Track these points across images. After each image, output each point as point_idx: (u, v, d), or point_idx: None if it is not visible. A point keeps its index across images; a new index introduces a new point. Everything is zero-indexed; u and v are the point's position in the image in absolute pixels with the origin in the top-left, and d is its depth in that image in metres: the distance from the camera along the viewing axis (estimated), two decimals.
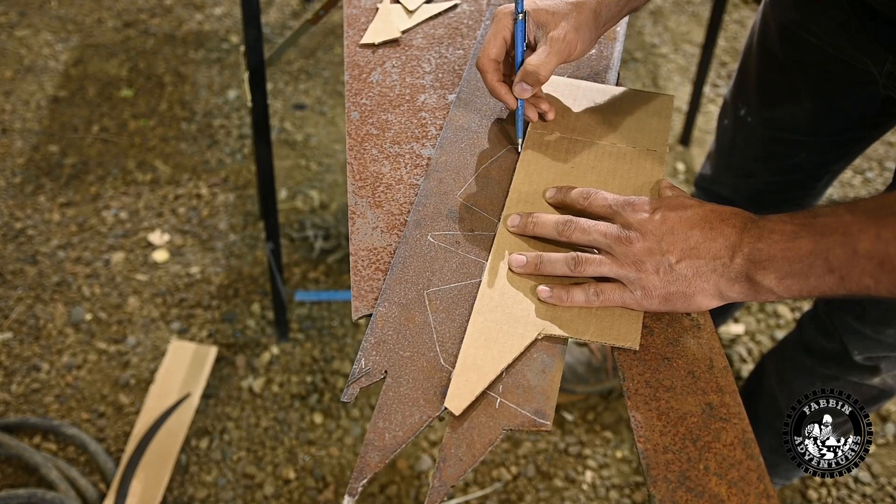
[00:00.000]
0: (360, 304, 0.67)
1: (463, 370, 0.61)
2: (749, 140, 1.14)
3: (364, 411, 1.49)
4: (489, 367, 0.61)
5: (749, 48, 1.09)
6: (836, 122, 1.03)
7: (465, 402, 0.59)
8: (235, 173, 1.93)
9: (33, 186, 1.87)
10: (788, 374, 1.19)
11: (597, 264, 0.64)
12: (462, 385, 0.60)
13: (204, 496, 1.38)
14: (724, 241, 0.61)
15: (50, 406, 1.48)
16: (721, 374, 0.62)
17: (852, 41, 0.87)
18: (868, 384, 1.07)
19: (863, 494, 1.41)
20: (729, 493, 0.55)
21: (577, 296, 0.64)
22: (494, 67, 0.74)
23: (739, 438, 0.58)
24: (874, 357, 1.02)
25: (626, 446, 1.46)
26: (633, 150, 0.78)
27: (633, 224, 0.63)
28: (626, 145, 0.78)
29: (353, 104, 0.84)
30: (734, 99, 1.15)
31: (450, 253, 0.70)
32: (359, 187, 0.76)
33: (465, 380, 0.60)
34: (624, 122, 0.81)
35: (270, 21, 2.38)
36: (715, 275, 0.61)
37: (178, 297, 1.66)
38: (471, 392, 0.59)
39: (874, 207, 0.57)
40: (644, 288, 0.62)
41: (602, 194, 0.68)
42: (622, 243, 0.63)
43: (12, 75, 2.17)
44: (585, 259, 0.64)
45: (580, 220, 0.66)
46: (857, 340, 1.01)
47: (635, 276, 0.62)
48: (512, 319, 0.64)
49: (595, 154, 0.77)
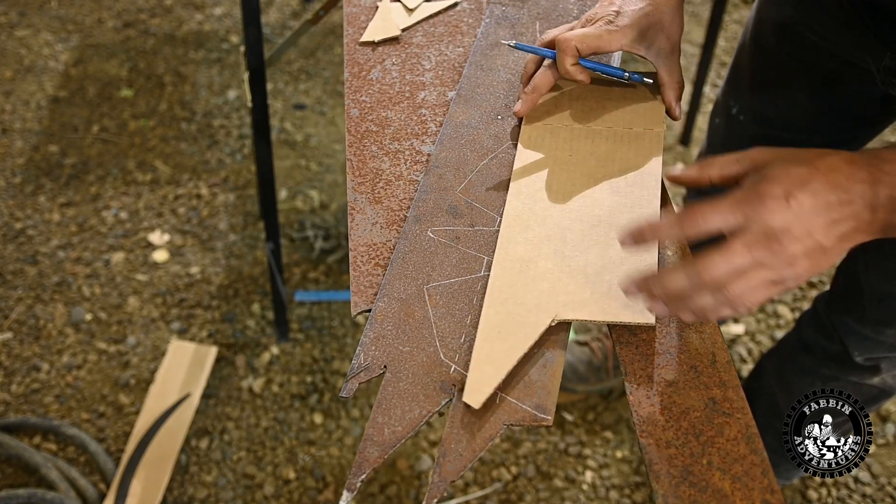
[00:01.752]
0: (360, 299, 0.66)
1: (478, 364, 0.60)
2: (741, 139, 1.13)
3: (364, 411, 1.49)
4: (505, 358, 0.61)
5: (742, 46, 1.09)
6: (832, 121, 1.02)
7: (483, 396, 0.58)
8: (235, 173, 1.93)
9: (33, 186, 1.87)
10: (788, 375, 1.18)
11: (754, 287, 0.57)
12: (479, 379, 0.59)
13: (204, 496, 1.37)
14: (861, 203, 0.56)
15: (50, 406, 1.47)
16: (724, 369, 0.61)
17: (851, 37, 0.86)
18: (868, 384, 1.07)
19: (863, 494, 1.41)
20: (733, 489, 0.55)
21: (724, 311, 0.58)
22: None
23: (743, 433, 0.57)
24: (874, 357, 1.01)
25: (627, 446, 1.46)
26: (630, 131, 0.78)
27: (776, 226, 0.55)
28: (623, 127, 0.78)
29: (352, 101, 0.84)
30: (726, 97, 1.15)
31: (449, 248, 0.69)
32: (358, 183, 0.76)
33: (481, 373, 0.60)
34: (617, 106, 0.81)
35: (270, 21, 2.38)
36: (859, 234, 0.57)
37: (178, 297, 1.66)
38: (489, 385, 0.59)
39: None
40: (797, 277, 0.57)
41: (710, 208, 0.57)
42: (774, 253, 0.56)
43: (12, 75, 2.17)
44: (740, 292, 0.56)
45: (713, 258, 0.56)
46: (858, 341, 1.01)
47: (791, 273, 0.57)
48: (524, 309, 0.63)
49: (592, 140, 0.77)
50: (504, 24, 0.93)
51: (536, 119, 0.80)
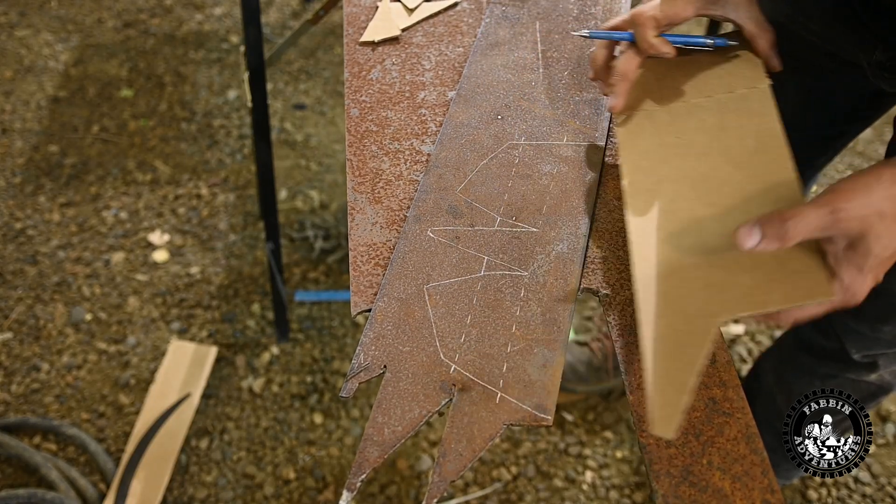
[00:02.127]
0: (360, 299, 0.66)
1: (659, 388, 0.55)
2: None
3: (364, 411, 1.49)
4: (684, 376, 0.55)
5: None
6: (822, 117, 1.03)
7: (676, 423, 0.53)
8: (235, 173, 1.93)
9: (33, 186, 1.87)
10: (787, 374, 1.18)
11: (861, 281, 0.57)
12: (665, 405, 0.54)
13: (204, 496, 1.37)
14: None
15: (50, 406, 1.47)
16: (724, 369, 0.61)
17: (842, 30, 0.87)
18: (866, 381, 1.07)
19: (863, 494, 1.41)
20: (733, 488, 0.55)
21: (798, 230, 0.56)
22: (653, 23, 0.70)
23: (743, 433, 0.57)
24: (872, 354, 1.02)
25: (626, 446, 1.45)
26: (733, 94, 0.71)
27: (864, 270, 0.56)
28: (724, 93, 0.71)
29: (352, 101, 0.84)
30: None
31: (449, 248, 0.69)
32: (358, 183, 0.76)
33: (666, 398, 0.54)
34: (710, 73, 0.74)
35: (270, 21, 2.38)
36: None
37: (178, 297, 1.66)
38: (677, 409, 0.54)
39: None
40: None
41: (795, 218, 0.56)
42: (859, 261, 0.56)
43: (12, 75, 2.17)
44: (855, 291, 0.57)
45: None
46: (855, 338, 1.01)
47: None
48: (685, 317, 0.58)
49: (696, 115, 0.71)
50: (504, 24, 0.93)
51: (628, 108, 0.74)
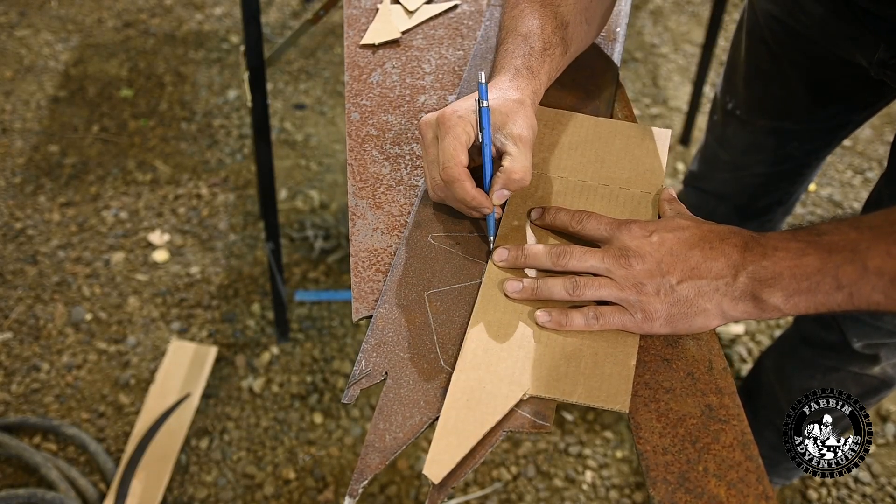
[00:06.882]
0: (361, 305, 0.67)
1: (443, 434, 0.57)
2: (738, 134, 1.14)
3: (364, 411, 1.49)
4: (471, 430, 0.57)
5: (738, 41, 1.10)
6: (825, 108, 1.03)
7: (445, 469, 0.55)
8: (235, 173, 1.93)
9: (33, 186, 1.87)
10: (788, 369, 1.19)
11: (596, 287, 0.63)
12: (442, 450, 0.56)
13: (204, 496, 1.38)
14: (725, 261, 0.60)
15: (50, 406, 1.48)
16: (720, 376, 0.62)
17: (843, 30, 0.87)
18: (869, 374, 1.07)
19: (863, 494, 1.41)
20: (728, 495, 0.55)
21: (577, 320, 0.62)
22: (467, 175, 0.65)
23: (738, 440, 0.58)
24: (874, 344, 1.02)
25: (626, 446, 1.46)
26: (627, 192, 0.74)
27: (631, 247, 0.62)
28: (620, 187, 0.74)
29: (353, 105, 0.84)
30: (722, 94, 1.16)
31: (450, 254, 0.70)
32: (359, 188, 0.76)
33: (445, 444, 0.57)
34: (618, 160, 0.77)
35: (270, 21, 2.38)
36: (718, 294, 0.60)
37: (178, 297, 1.66)
38: (451, 459, 0.56)
39: (880, 224, 0.56)
40: (645, 311, 0.61)
41: (595, 217, 0.66)
42: (621, 266, 0.62)
43: (12, 75, 2.17)
44: (584, 283, 0.63)
45: (575, 248, 0.64)
46: (856, 328, 1.01)
47: (636, 298, 0.61)
48: (496, 378, 0.60)
49: (586, 195, 0.74)
50: None
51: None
